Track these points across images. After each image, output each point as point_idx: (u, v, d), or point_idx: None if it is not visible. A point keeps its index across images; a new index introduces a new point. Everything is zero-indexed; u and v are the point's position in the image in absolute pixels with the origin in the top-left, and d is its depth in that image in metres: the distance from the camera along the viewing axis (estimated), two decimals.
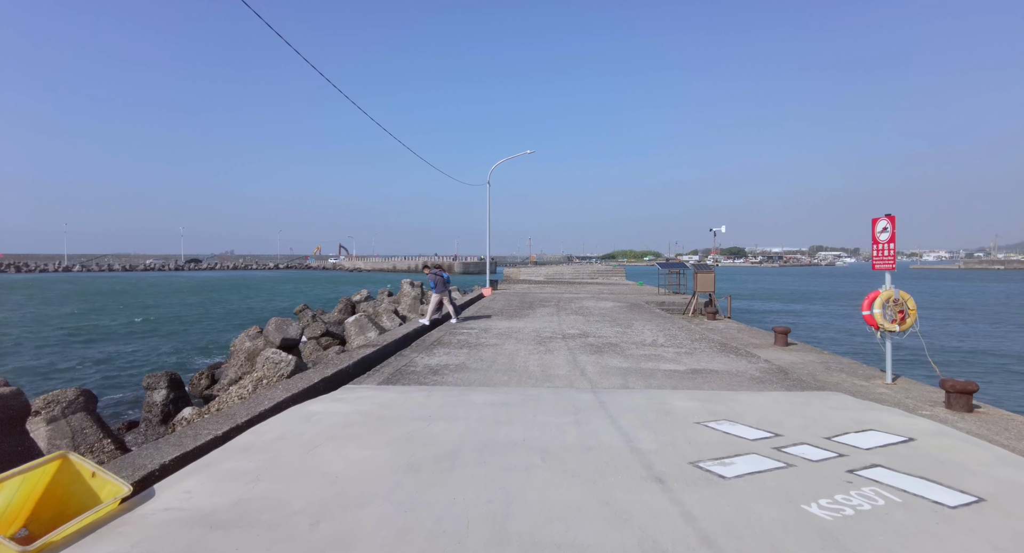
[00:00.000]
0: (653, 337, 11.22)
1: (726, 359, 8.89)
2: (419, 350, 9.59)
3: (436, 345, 10.13)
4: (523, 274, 43.66)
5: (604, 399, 5.96)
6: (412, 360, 8.68)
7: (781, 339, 11.50)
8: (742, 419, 5.17)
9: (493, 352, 9.30)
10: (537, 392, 6.32)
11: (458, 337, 11.13)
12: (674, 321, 14.22)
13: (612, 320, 14.17)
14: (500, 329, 12.35)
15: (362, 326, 14.46)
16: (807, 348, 10.88)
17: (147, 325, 27.49)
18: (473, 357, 8.85)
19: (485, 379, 7.24)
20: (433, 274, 13.32)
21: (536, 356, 8.93)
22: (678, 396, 6.19)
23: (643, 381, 7.18)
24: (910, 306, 7.79)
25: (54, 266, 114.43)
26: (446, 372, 7.71)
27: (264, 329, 10.30)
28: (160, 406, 8.78)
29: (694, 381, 7.22)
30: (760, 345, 11.11)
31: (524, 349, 9.60)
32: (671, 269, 24.48)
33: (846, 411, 5.54)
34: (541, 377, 7.36)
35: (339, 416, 5.10)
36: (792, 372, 7.94)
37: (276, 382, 7.94)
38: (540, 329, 12.31)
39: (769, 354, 9.95)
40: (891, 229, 7.98)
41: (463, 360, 8.60)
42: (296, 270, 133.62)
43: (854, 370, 8.46)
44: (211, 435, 4.69)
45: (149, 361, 18.16)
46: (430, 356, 9.00)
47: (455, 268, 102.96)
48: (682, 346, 10.12)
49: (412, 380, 7.24)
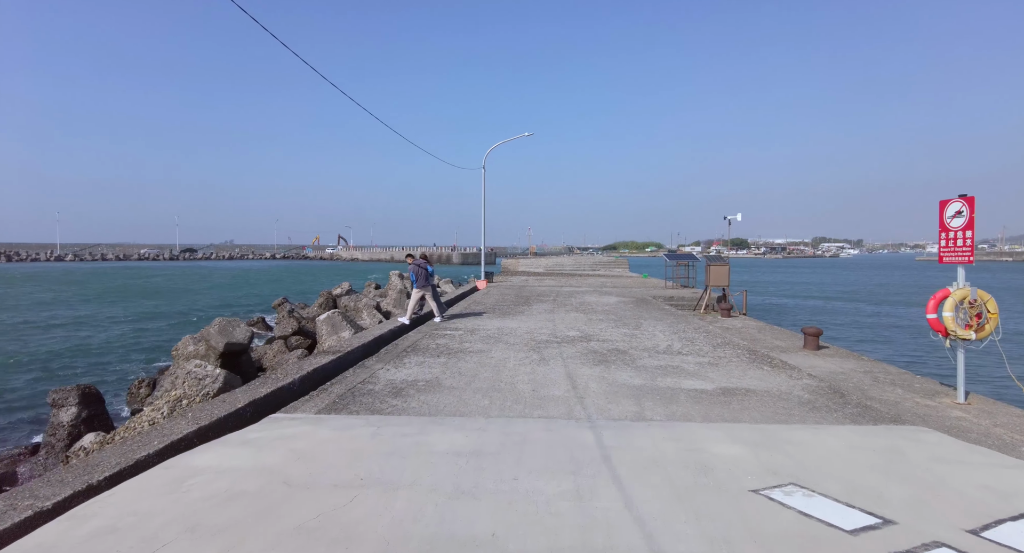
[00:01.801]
0: (667, 341, 9.57)
1: (760, 372, 7.25)
2: (387, 359, 7.95)
3: (410, 352, 8.49)
4: (522, 265, 41.97)
5: (615, 442, 4.32)
6: (374, 373, 7.03)
7: (812, 342, 9.88)
8: (817, 481, 3.53)
9: (476, 362, 7.66)
10: (524, 429, 4.68)
11: (438, 341, 9.48)
12: (688, 320, 12.57)
13: (617, 319, 12.52)
14: (489, 330, 10.71)
15: (335, 324, 12.83)
16: (843, 353, 9.27)
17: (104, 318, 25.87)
18: (450, 370, 7.20)
19: (459, 404, 5.60)
20: (415, 266, 11.60)
21: (527, 368, 7.29)
22: (715, 435, 4.55)
23: (663, 407, 5.55)
24: (990, 309, 6.18)
25: (46, 255, 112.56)
26: (411, 393, 6.06)
27: (205, 331, 8.69)
28: (67, 428, 7.16)
29: (729, 407, 5.58)
30: (787, 349, 9.51)
31: (514, 358, 7.96)
32: (679, 261, 22.77)
33: (960, 464, 3.90)
34: (531, 401, 5.73)
35: (226, 479, 3.46)
36: (847, 391, 6.29)
37: (199, 402, 6.31)
38: (535, 330, 10.67)
39: (802, 361, 8.34)
40: (968, 213, 6.30)
41: (437, 374, 6.95)
42: (293, 260, 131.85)
43: (909, 383, 6.86)
44: (17, 517, 3.05)
45: (87, 361, 16.53)
46: (398, 368, 7.36)
47: (454, 258, 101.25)
48: (703, 353, 8.48)
49: (364, 405, 5.60)
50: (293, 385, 6.77)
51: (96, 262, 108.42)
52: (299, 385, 6.88)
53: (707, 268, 16.19)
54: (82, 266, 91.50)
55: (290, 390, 6.61)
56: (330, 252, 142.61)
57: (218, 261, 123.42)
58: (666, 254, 22.85)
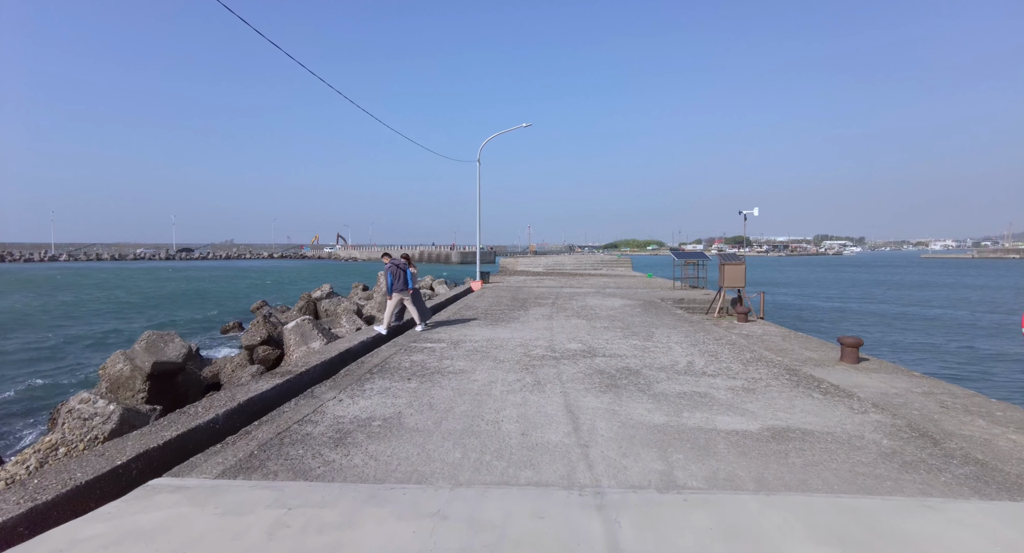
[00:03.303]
0: (687, 356, 8.06)
1: (810, 402, 5.75)
2: (344, 384, 6.45)
3: (376, 373, 6.99)
4: (521, 265, 40.45)
5: (639, 545, 2.82)
6: (322, 406, 5.53)
7: (850, 355, 8.40)
8: None
9: (454, 389, 6.16)
10: (502, 512, 3.18)
11: (414, 356, 7.98)
12: (706, 328, 11.06)
13: (625, 327, 11.02)
14: (477, 342, 9.21)
15: (304, 333, 11.33)
16: (887, 366, 7.82)
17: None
18: (420, 400, 5.70)
19: (420, 460, 4.10)
20: (392, 266, 10.02)
21: (517, 397, 5.79)
22: (784, 520, 3.06)
23: (699, 462, 4.05)
24: None
25: (40, 255, 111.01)
26: (359, 439, 4.56)
27: (131, 350, 7.17)
28: None
29: (788, 462, 4.08)
30: (822, 362, 8.08)
31: (502, 382, 6.46)
32: (688, 259, 21.22)
33: None
34: (518, 453, 4.23)
35: None
36: (933, 433, 4.79)
37: (83, 449, 4.82)
38: (530, 342, 9.16)
39: (845, 378, 6.89)
40: None
41: (401, 407, 5.45)
42: (290, 260, 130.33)
43: (989, 411, 5.40)
44: None
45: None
46: (355, 397, 5.86)
47: (453, 258, 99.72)
48: (733, 373, 6.97)
49: (288, 462, 4.10)
50: (216, 422, 5.28)
51: (91, 262, 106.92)
52: (224, 421, 5.38)
53: (721, 267, 14.68)
54: (76, 266, 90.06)
55: (210, 429, 5.12)
56: (328, 251, 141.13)
57: (214, 261, 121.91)
58: (674, 252, 21.30)
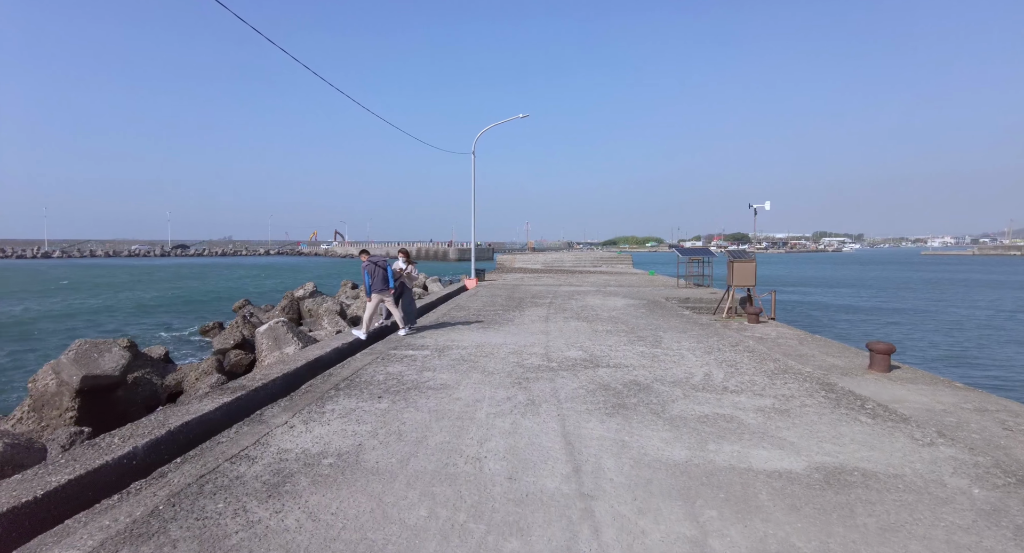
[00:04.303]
0: (702, 365, 7.06)
1: (859, 427, 4.76)
2: (302, 404, 5.43)
3: (343, 388, 5.97)
4: (518, 262, 39.44)
5: None
6: (267, 435, 4.52)
7: (881, 362, 7.45)
8: None
9: (431, 410, 5.15)
10: None
11: (391, 367, 6.97)
12: (719, 332, 10.06)
13: (630, 330, 10.02)
14: (465, 348, 8.20)
15: (278, 337, 10.33)
16: (923, 375, 6.90)
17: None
18: (387, 427, 4.69)
19: (374, 518, 3.10)
20: (370, 264, 8.96)
21: (506, 423, 4.78)
22: None
23: (738, 523, 3.06)
24: None
25: (32, 252, 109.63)
26: (300, 487, 3.56)
27: (57, 362, 6.13)
28: None
29: (856, 527, 3.09)
30: (849, 370, 7.17)
31: (489, 401, 5.45)
32: (692, 256, 20.21)
33: None
34: (502, 509, 3.23)
35: None
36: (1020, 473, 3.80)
37: None
38: (524, 349, 8.16)
39: (883, 392, 5.94)
40: None
41: (363, 437, 4.44)
42: (287, 256, 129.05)
43: None
44: None
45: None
46: (309, 421, 4.85)
47: (450, 255, 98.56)
48: (759, 389, 5.97)
49: (202, 520, 3.10)
50: (134, 456, 4.29)
51: (85, 259, 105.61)
52: (145, 455, 4.39)
53: (730, 265, 13.71)
54: (72, 263, 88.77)
55: (121, 468, 4.12)
56: (324, 248, 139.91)
57: (210, 257, 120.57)
58: (678, 249, 20.29)
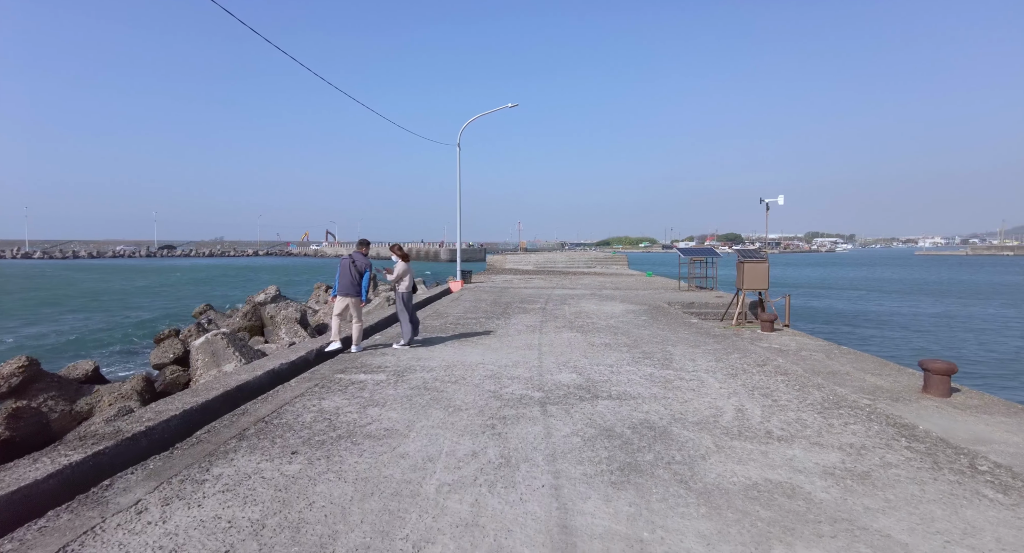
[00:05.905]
0: (731, 396, 5.50)
1: (991, 510, 3.21)
2: (176, 468, 3.82)
3: (250, 435, 4.36)
4: (509, 262, 37.84)
5: None
6: (90, 531, 2.92)
7: (940, 385, 5.95)
8: None
9: (357, 479, 3.55)
10: None
11: (328, 399, 5.36)
12: (739, 345, 8.51)
13: (632, 344, 8.47)
14: (431, 369, 6.61)
15: (216, 353, 8.69)
16: (997, 404, 5.46)
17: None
18: (284, 511, 3.10)
19: None
20: (347, 260, 7.75)
21: (464, 504, 3.19)
22: None
23: None
24: None
25: (12, 252, 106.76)
26: None
27: None
28: None
29: None
30: (899, 394, 5.71)
31: (446, 457, 3.86)
32: (695, 257, 18.72)
33: None
34: None
35: None
36: None
37: None
38: (505, 371, 6.58)
39: (963, 430, 4.31)
40: None
41: (242, 535, 2.86)
42: (275, 257, 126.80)
43: None
44: None
45: None
46: (173, 501, 3.25)
47: (441, 255, 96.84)
48: (815, 433, 4.41)
49: None
50: None
51: (68, 260, 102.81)
52: None
53: (740, 266, 12.19)
54: (54, 264, 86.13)
55: None
56: (315, 248, 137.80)
57: (197, 258, 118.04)
58: (679, 249, 18.81)
